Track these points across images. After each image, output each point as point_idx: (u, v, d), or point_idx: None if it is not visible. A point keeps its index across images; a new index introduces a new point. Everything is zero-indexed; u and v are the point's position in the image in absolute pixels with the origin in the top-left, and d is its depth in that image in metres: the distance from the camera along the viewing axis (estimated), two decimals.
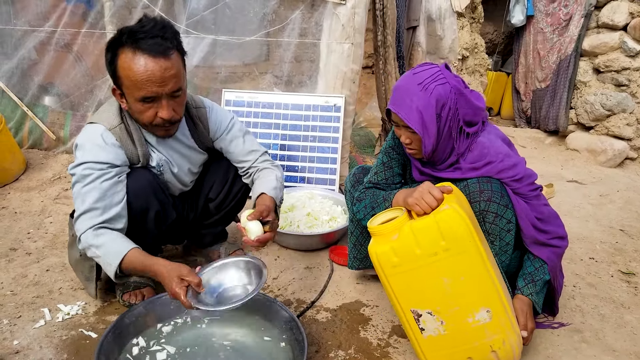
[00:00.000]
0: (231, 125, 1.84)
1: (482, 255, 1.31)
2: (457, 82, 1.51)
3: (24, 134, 3.31)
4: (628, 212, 3.04)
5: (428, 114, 1.47)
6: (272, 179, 1.77)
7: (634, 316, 1.85)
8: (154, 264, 1.46)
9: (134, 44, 1.43)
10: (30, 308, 1.74)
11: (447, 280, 1.34)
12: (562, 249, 1.62)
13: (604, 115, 4.27)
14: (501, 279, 1.43)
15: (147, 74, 1.43)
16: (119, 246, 1.50)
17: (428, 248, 1.31)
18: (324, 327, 1.70)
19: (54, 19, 3.12)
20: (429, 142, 1.51)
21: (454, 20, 4.73)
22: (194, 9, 3.00)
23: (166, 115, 1.51)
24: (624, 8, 4.12)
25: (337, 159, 2.88)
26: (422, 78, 1.49)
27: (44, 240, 2.26)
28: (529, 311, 1.51)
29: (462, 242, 1.29)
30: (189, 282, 1.39)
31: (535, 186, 1.58)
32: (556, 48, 4.83)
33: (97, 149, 1.53)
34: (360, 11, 2.78)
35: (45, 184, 2.88)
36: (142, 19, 1.49)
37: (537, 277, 1.56)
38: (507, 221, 1.50)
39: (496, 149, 1.55)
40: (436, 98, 1.46)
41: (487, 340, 1.37)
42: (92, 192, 1.50)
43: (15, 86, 3.27)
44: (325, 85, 3.00)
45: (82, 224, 1.51)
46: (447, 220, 1.29)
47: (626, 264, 2.30)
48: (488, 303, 1.34)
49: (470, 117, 1.53)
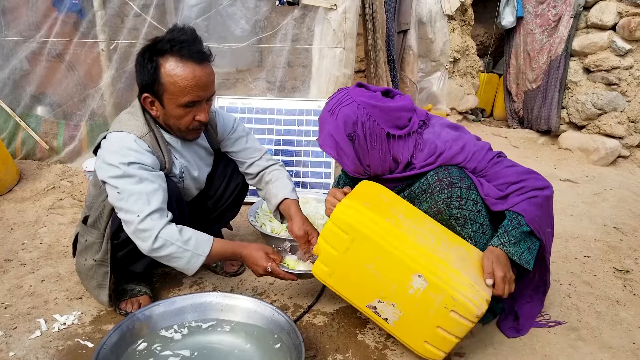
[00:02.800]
0: (236, 126, 1.93)
1: (383, 227, 1.40)
2: (368, 97, 1.56)
3: (17, 145, 3.29)
4: (621, 210, 3.06)
5: (339, 136, 1.55)
6: (287, 182, 1.91)
7: (629, 313, 1.86)
8: (239, 247, 1.63)
9: (179, 52, 1.51)
10: (25, 319, 1.73)
11: (370, 266, 1.42)
12: (540, 197, 1.53)
13: (595, 114, 4.30)
14: (442, 243, 1.45)
15: (195, 79, 1.52)
16: (205, 236, 1.59)
17: (339, 246, 1.44)
18: (321, 331, 1.70)
19: (45, 29, 3.11)
20: (348, 160, 1.60)
21: (445, 23, 4.77)
22: (186, 17, 3.01)
23: (204, 117, 1.61)
24: (613, 8, 4.16)
25: (332, 163, 2.89)
26: (331, 105, 1.59)
27: (38, 251, 2.25)
28: (495, 259, 1.42)
29: (358, 228, 1.41)
30: (274, 259, 1.62)
31: (492, 154, 1.60)
32: (546, 49, 4.87)
33: (136, 153, 1.55)
34: (351, 16, 2.80)
35: (39, 194, 2.87)
36: (174, 28, 1.56)
37: (510, 227, 1.48)
38: (474, 202, 1.53)
39: (442, 139, 1.60)
40: (344, 119, 1.54)
41: (438, 304, 1.36)
42: (158, 192, 1.54)
43: (8, 97, 3.26)
44: (318, 90, 3.02)
45: (156, 222, 1.51)
46: (338, 215, 1.44)
47: (620, 262, 2.32)
48: (414, 268, 1.37)
49: (393, 121, 1.58)
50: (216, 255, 1.59)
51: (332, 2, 2.78)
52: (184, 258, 1.54)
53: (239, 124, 1.96)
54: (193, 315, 1.62)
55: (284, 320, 1.52)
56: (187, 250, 1.53)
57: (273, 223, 2.36)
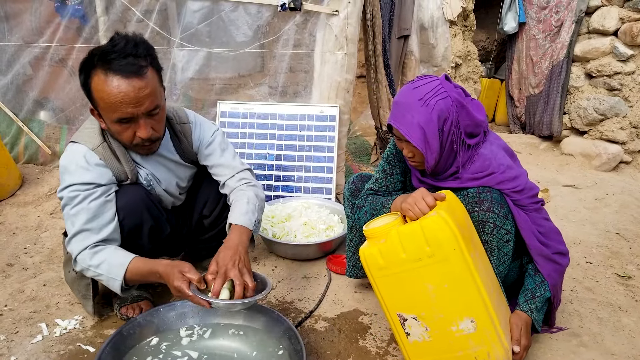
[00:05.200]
0: (212, 139, 1.80)
1: (469, 265, 1.29)
2: (458, 94, 1.49)
3: (20, 149, 3.31)
4: (623, 216, 3.05)
5: (430, 130, 1.46)
6: (242, 203, 1.67)
7: (632, 319, 1.85)
8: (156, 265, 1.47)
9: (106, 65, 1.39)
10: (27, 323, 1.73)
11: (431, 287, 1.34)
12: (563, 267, 1.59)
13: (597, 119, 4.30)
14: (494, 290, 1.42)
15: (120, 95, 1.39)
16: (120, 259, 1.49)
17: (413, 253, 1.32)
18: (322, 337, 1.70)
19: (48, 34, 3.13)
20: (431, 157, 1.50)
21: (447, 29, 4.78)
22: (189, 23, 3.02)
23: (144, 134, 1.49)
24: (614, 13, 4.17)
25: (333, 168, 2.89)
26: (422, 93, 1.46)
27: (40, 255, 2.25)
28: (524, 327, 1.48)
29: (446, 249, 1.29)
30: (190, 278, 1.40)
31: (537, 199, 1.57)
32: (548, 54, 4.88)
33: (81, 170, 1.51)
34: (353, 22, 2.81)
35: (42, 199, 2.88)
36: (113, 37, 1.45)
37: (538, 293, 1.54)
38: (506, 232, 1.49)
39: (498, 161, 1.54)
40: (438, 113, 1.45)
41: (471, 351, 1.36)
42: (81, 214, 1.49)
43: (11, 102, 3.28)
44: (319, 95, 3.02)
45: (75, 246, 1.50)
46: (432, 226, 1.29)
47: (623, 267, 2.31)
48: (473, 313, 1.33)
49: (471, 129, 1.53)
50: (135, 276, 1.48)
51: (333, 8, 2.80)
52: (103, 280, 1.51)
53: (217, 136, 1.81)
54: (194, 319, 1.62)
55: (285, 325, 1.51)
56: (101, 275, 1.49)
57: (275, 228, 2.36)
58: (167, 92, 3.04)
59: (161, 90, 1.53)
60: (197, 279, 1.40)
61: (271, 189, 2.91)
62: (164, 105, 1.57)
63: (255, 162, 2.94)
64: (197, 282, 1.40)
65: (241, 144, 2.98)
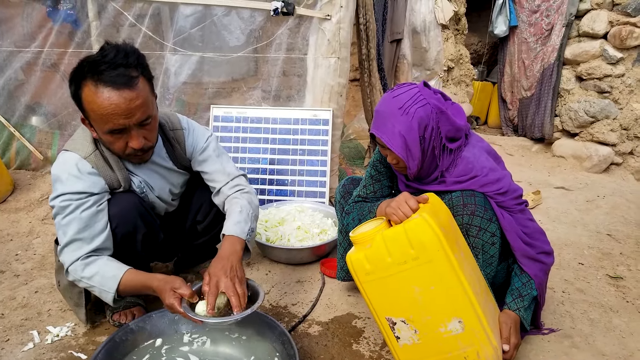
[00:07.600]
0: (206, 145, 1.79)
1: (453, 265, 1.30)
2: (438, 100, 1.51)
3: (11, 155, 3.29)
4: (614, 217, 3.08)
5: (411, 138, 1.49)
6: (235, 212, 1.66)
7: (622, 320, 1.87)
8: (150, 280, 1.46)
9: (96, 77, 1.38)
10: (18, 331, 1.72)
11: (417, 289, 1.35)
12: (548, 265, 1.62)
13: (588, 122, 4.34)
14: (481, 291, 1.42)
15: (111, 107, 1.38)
16: (113, 271, 1.48)
17: (398, 256, 1.33)
18: (316, 341, 1.70)
19: (40, 39, 3.12)
20: (413, 164, 1.53)
21: (439, 33, 4.81)
22: (181, 27, 3.02)
23: (136, 145, 1.48)
24: (604, 17, 4.22)
25: (327, 171, 2.90)
26: (402, 101, 1.49)
27: (32, 262, 2.24)
28: (513, 326, 1.49)
29: (430, 251, 1.30)
30: (181, 294, 1.39)
31: (521, 200, 1.60)
32: (539, 57, 4.92)
33: (73, 179, 1.50)
34: (345, 26, 2.82)
35: (33, 205, 2.86)
36: (104, 46, 1.43)
37: (525, 292, 1.56)
38: (491, 234, 1.51)
39: (481, 164, 1.56)
40: (418, 121, 1.48)
41: (460, 352, 1.37)
42: (73, 224, 1.47)
43: (2, 107, 3.26)
44: (313, 99, 3.03)
45: (67, 257, 1.49)
46: (416, 229, 1.31)
47: (614, 268, 2.33)
48: (460, 314, 1.34)
49: (452, 133, 1.55)
50: (128, 288, 1.48)
51: (326, 13, 2.81)
52: (95, 292, 1.51)
53: (211, 142, 1.81)
54: (187, 325, 1.61)
55: (278, 330, 1.51)
56: (93, 287, 1.48)
57: (268, 232, 2.36)
58: (160, 96, 3.04)
59: (153, 99, 1.52)
60: (188, 295, 1.40)
61: (265, 192, 2.91)
62: (156, 115, 1.56)
63: (249, 167, 2.94)
64: (189, 297, 1.40)
65: (235, 148, 2.98)
